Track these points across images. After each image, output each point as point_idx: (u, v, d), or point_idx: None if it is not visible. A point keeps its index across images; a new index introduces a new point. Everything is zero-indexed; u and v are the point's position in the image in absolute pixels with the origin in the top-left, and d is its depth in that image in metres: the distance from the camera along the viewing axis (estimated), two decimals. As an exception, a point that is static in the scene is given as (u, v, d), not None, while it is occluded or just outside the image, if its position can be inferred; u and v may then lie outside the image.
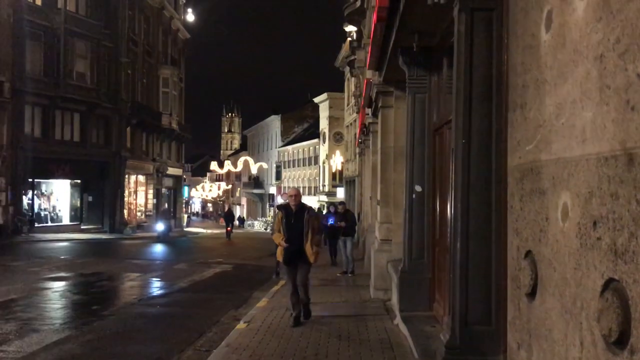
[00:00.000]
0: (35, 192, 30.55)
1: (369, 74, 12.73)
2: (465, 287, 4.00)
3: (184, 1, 48.17)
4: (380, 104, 10.51)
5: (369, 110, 14.09)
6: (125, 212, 35.84)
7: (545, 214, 2.25)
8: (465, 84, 4.03)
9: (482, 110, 3.98)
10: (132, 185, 38.16)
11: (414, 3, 5.64)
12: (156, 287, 13.01)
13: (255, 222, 55.67)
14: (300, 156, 61.23)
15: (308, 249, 7.72)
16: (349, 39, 29.40)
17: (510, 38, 2.86)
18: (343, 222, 15.13)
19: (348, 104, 41.11)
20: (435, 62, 7.24)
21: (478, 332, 3.98)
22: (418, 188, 7.55)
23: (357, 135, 24.61)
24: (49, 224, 31.11)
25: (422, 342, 5.96)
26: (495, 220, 3.81)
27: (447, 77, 6.72)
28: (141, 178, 39.56)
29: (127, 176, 36.46)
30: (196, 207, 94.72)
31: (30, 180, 29.34)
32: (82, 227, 32.67)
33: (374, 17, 8.09)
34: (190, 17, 48.70)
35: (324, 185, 51.58)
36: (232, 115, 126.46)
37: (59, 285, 12.63)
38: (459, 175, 4.06)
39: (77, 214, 33.73)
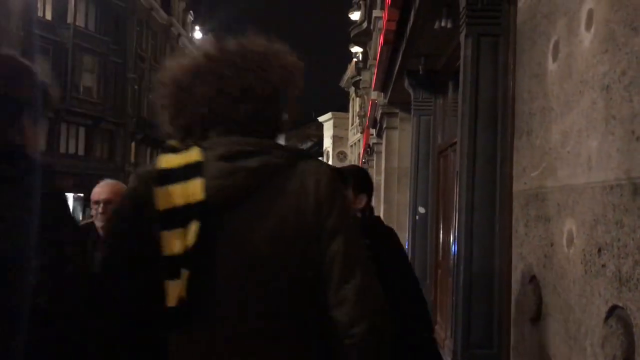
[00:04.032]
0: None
1: (374, 94, 12.83)
2: (468, 310, 3.99)
3: (192, 19, 48.69)
4: (385, 125, 10.58)
5: (373, 131, 14.17)
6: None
7: (550, 240, 2.28)
8: (471, 108, 4.06)
9: (487, 135, 4.01)
10: (134, 200, 38.24)
11: (421, 27, 5.71)
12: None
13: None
14: (303, 174, 61.20)
15: None
16: (355, 59, 29.62)
17: (517, 66, 2.91)
18: None
19: (352, 124, 41.26)
20: (441, 85, 7.30)
21: (480, 355, 3.96)
22: (421, 210, 7.56)
23: (361, 155, 24.67)
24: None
25: (424, 364, 5.93)
26: (499, 243, 3.82)
27: (452, 100, 6.78)
28: (144, 193, 39.64)
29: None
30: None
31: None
32: (83, 240, 32.67)
33: (381, 39, 8.19)
34: (197, 34, 49.18)
35: (326, 204, 51.47)
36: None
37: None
38: (463, 198, 4.08)
39: (79, 228, 33.74)
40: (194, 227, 1.28)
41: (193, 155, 1.34)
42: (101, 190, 3.30)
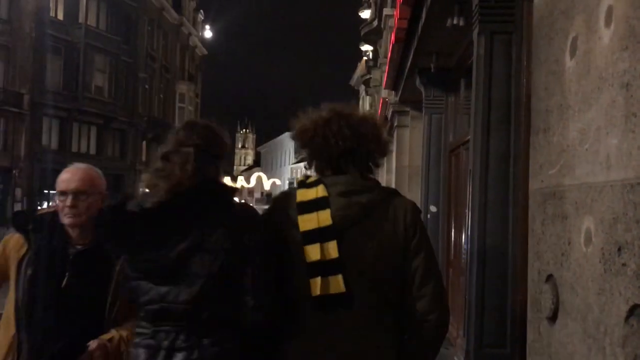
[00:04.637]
0: (50, 203, 30.85)
1: (384, 93, 12.80)
2: (481, 309, 3.97)
3: (202, 18, 48.85)
4: (395, 123, 10.55)
5: (383, 129, 14.10)
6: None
7: (568, 238, 2.25)
8: (484, 106, 4.04)
9: (500, 132, 3.99)
10: (145, 198, 38.41)
11: (433, 25, 5.69)
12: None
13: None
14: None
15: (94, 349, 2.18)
16: (365, 58, 29.57)
17: (533, 63, 2.89)
18: None
19: (362, 123, 41.15)
20: (452, 83, 7.27)
21: (493, 354, 3.94)
22: (433, 208, 7.53)
23: (371, 154, 24.55)
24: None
25: (436, 363, 5.91)
26: (512, 242, 3.80)
27: (464, 98, 6.75)
28: (155, 192, 39.79)
29: (141, 189, 36.76)
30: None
31: (46, 191, 29.66)
32: (95, 239, 32.88)
33: (392, 38, 8.17)
34: (208, 33, 49.34)
35: (336, 203, 51.44)
36: (246, 131, 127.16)
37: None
38: (476, 196, 4.06)
39: (90, 226, 33.98)
40: (332, 244, 1.86)
41: (320, 191, 1.94)
42: (70, 177, 2.38)
